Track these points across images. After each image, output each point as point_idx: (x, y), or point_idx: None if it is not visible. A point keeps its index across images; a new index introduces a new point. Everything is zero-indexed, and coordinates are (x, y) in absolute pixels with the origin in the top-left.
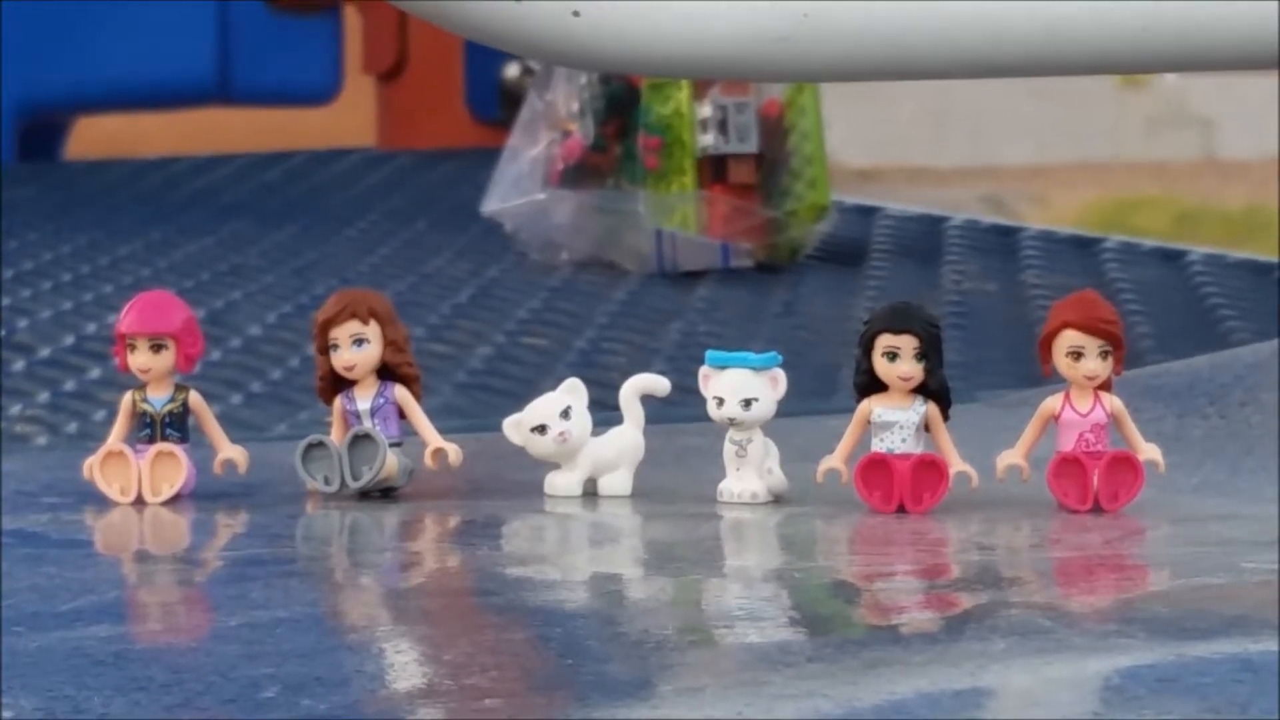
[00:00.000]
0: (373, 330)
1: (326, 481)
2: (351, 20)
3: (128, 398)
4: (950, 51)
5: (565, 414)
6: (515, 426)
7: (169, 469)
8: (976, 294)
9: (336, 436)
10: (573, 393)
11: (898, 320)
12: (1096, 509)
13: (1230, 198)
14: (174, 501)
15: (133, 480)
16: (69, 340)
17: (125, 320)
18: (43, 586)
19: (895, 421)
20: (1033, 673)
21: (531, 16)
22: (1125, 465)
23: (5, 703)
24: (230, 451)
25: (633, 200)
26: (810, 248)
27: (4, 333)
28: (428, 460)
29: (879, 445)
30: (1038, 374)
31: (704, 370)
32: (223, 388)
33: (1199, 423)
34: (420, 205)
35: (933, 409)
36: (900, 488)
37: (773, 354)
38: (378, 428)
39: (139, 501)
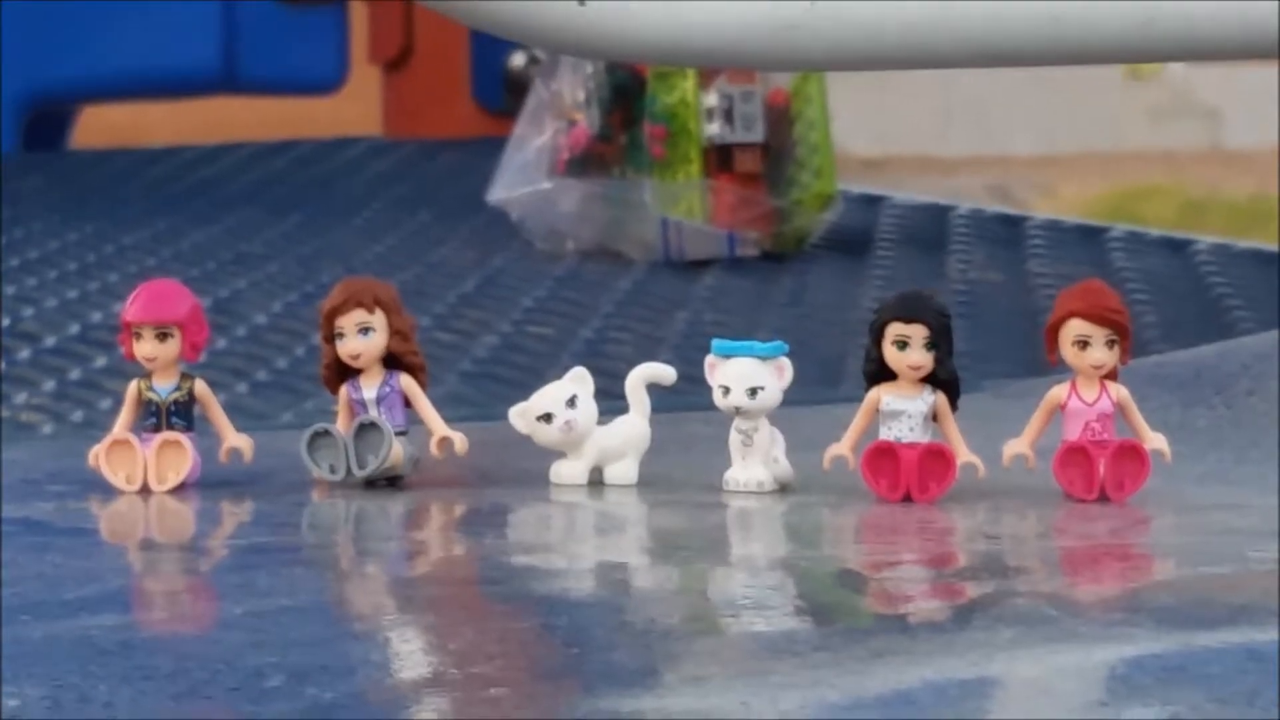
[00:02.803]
0: (378, 319)
1: (332, 470)
2: (357, 9)
3: (133, 386)
4: (956, 41)
5: (571, 403)
6: (521, 415)
7: (174, 457)
8: (982, 283)
9: (342, 425)
10: (578, 381)
11: (908, 309)
12: (1102, 498)
13: (1236, 187)
14: (179, 490)
15: (138, 469)
16: (74, 329)
17: (131, 309)
18: (48, 575)
19: (904, 410)
20: (1039, 662)
21: (538, 5)
22: (1131, 454)
23: (11, 691)
24: (236, 440)
25: (638, 189)
26: (816, 237)
27: (10, 321)
28: (433, 449)
29: (887, 434)
30: (1044, 363)
31: (710, 359)
32: (228, 376)
33: (1205, 412)
34: (426, 194)
35: (941, 399)
36: (907, 476)
37: (779, 343)
38: (383, 416)
39: (144, 490)
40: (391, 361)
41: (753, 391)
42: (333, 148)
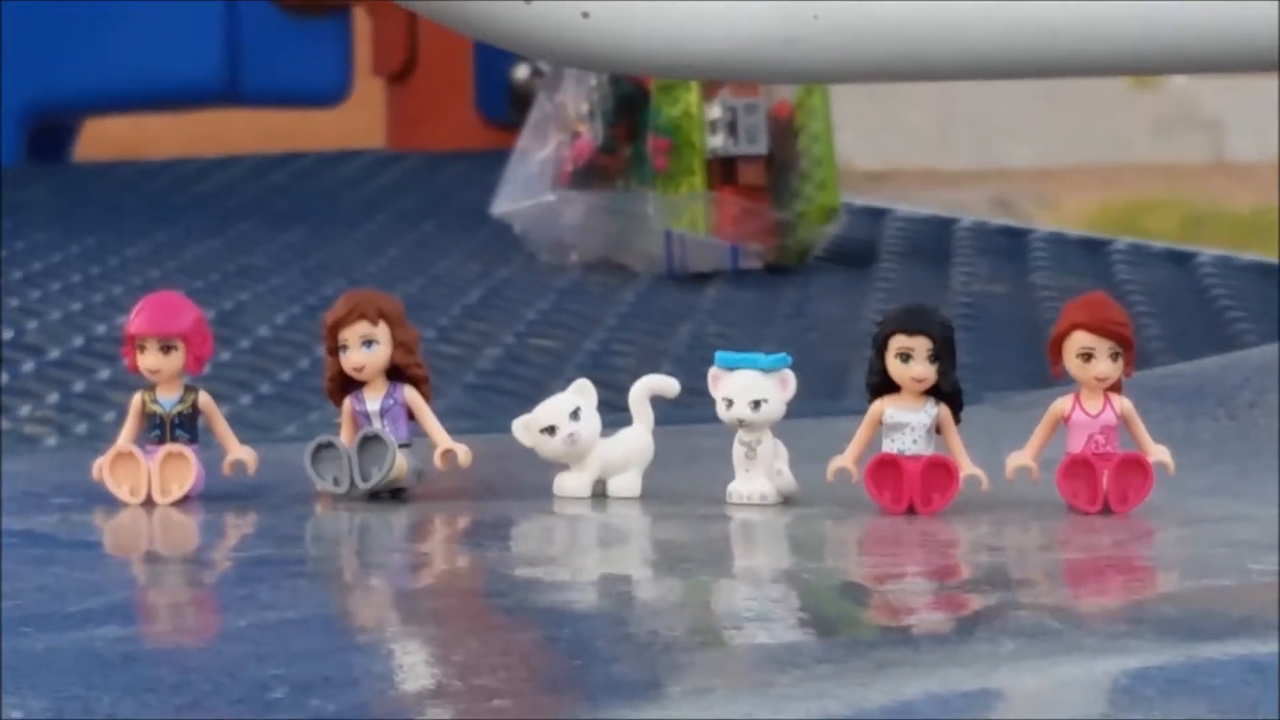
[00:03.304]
0: (382, 331)
1: (336, 482)
2: (361, 21)
3: (137, 399)
4: (959, 53)
5: (574, 415)
6: (524, 427)
7: (178, 470)
8: (985, 295)
9: (346, 437)
10: (582, 394)
11: (912, 321)
12: (1106, 510)
13: (1239, 200)
14: (183, 502)
15: (142, 481)
16: (78, 341)
17: (135, 321)
18: (51, 587)
19: (907, 423)
20: (1042, 674)
21: (541, 17)
22: (1135, 467)
23: (14, 703)
24: (239, 452)
25: (642, 202)
26: (819, 249)
27: (13, 334)
28: (437, 461)
29: (890, 446)
30: (1047, 375)
31: (713, 371)
32: (232, 389)
33: (1208, 424)
34: (429, 207)
35: (944, 411)
36: (910, 489)
37: (782, 355)
38: (387, 429)
39: (148, 502)
40: (395, 374)
41: (756, 404)
42: (336, 160)
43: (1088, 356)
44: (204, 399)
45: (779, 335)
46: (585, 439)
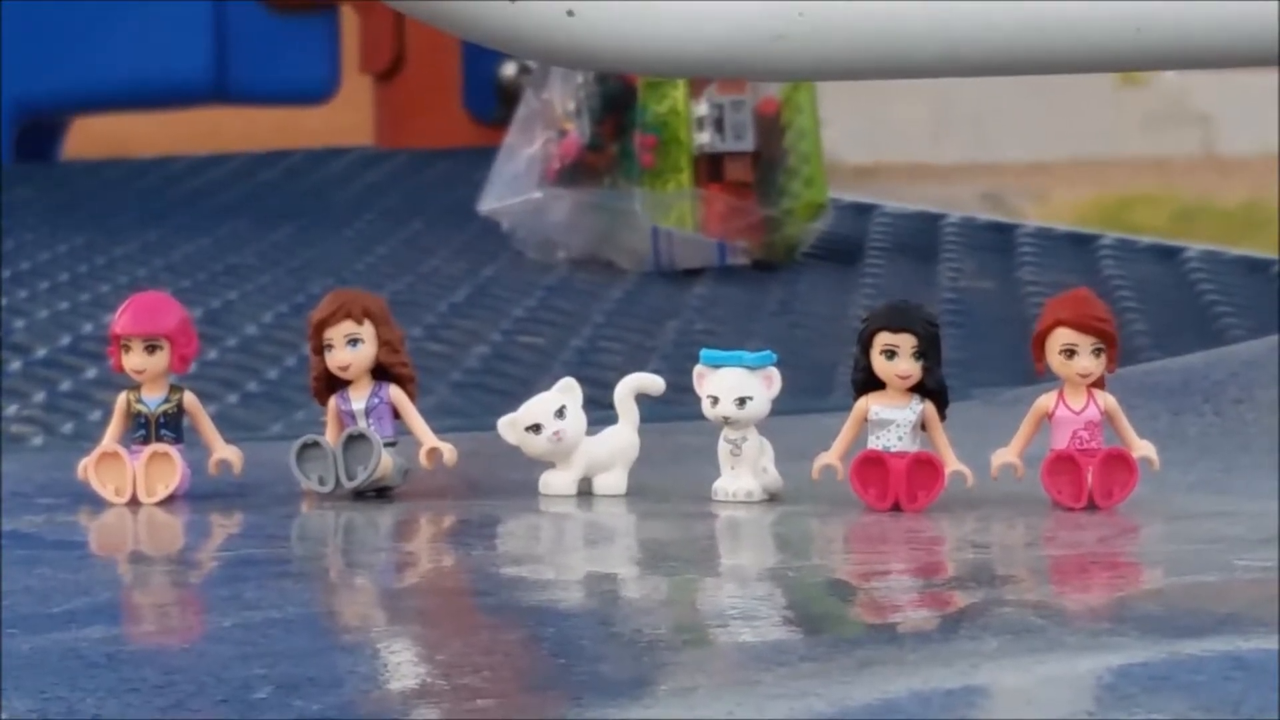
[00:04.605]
0: (367, 330)
1: (321, 482)
2: (348, 19)
3: (122, 398)
4: (946, 50)
5: (560, 413)
6: (510, 426)
7: (164, 470)
8: (973, 291)
9: (331, 437)
10: (568, 392)
11: (897, 318)
12: (1091, 507)
13: (1229, 194)
14: (169, 502)
15: (127, 481)
16: (65, 340)
17: (120, 321)
18: (37, 588)
19: (892, 420)
20: (1026, 671)
21: (526, 16)
22: (1119, 463)
23: None
24: (225, 452)
25: (629, 199)
26: (807, 246)
27: (0, 333)
28: (423, 460)
29: (875, 443)
30: (1033, 372)
31: (699, 369)
32: (218, 387)
33: (1194, 420)
34: (417, 204)
35: (930, 408)
36: (895, 486)
37: (767, 353)
38: (372, 428)
39: (134, 502)
40: (381, 373)
41: (741, 401)
42: (324, 158)
43: (1070, 353)
44: (189, 398)
45: (765, 332)
46: (570, 437)
